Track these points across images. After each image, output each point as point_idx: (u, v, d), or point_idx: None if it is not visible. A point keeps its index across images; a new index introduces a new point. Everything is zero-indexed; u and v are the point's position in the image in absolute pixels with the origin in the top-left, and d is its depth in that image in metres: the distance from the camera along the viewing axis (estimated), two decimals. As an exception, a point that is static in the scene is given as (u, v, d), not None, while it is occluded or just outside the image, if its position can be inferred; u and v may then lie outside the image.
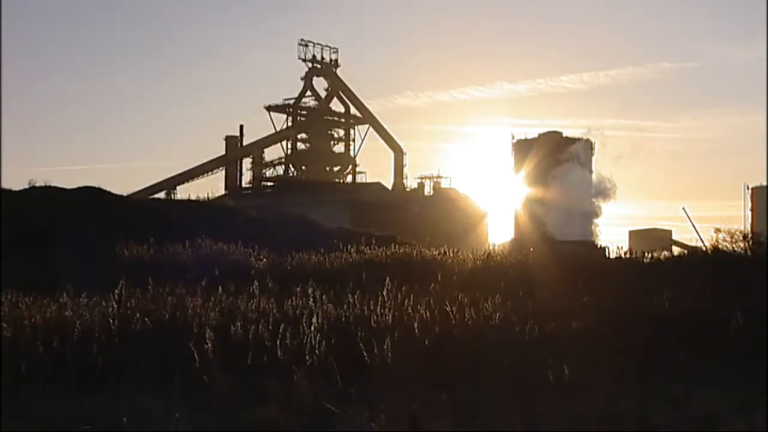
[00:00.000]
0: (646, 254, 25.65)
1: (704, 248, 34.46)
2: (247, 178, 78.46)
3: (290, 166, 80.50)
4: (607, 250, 37.92)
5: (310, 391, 7.83)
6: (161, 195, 66.47)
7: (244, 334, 9.05)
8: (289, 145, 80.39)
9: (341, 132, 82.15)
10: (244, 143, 78.36)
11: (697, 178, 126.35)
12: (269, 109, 78.85)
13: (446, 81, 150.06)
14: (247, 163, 78.47)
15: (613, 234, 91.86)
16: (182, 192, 68.44)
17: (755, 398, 8.15)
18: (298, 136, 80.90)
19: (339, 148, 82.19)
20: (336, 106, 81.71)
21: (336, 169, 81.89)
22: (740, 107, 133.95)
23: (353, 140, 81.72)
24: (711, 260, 23.88)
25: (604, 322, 11.04)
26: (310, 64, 78.93)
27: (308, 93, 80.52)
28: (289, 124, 79.90)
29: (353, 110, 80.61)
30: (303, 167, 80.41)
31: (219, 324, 9.67)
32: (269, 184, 78.56)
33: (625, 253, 27.06)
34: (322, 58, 79.07)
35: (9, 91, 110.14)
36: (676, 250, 45.34)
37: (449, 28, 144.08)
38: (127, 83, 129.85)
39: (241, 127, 79.41)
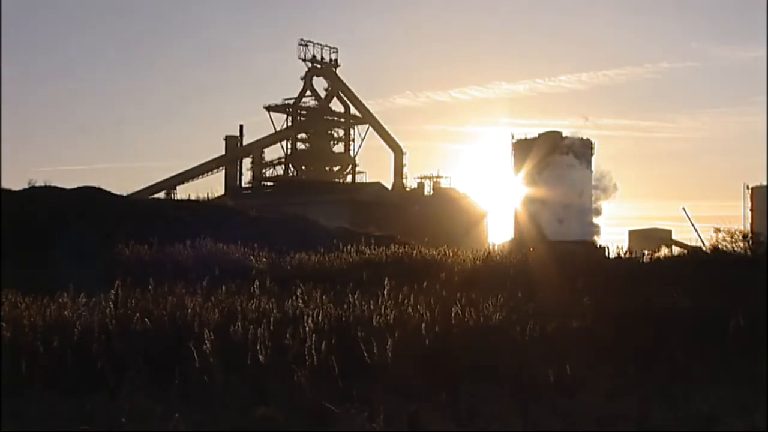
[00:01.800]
0: (646, 254, 25.71)
1: (704, 248, 34.50)
2: (246, 178, 78.63)
3: (290, 166, 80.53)
4: (607, 250, 37.96)
5: (310, 391, 7.82)
6: (161, 195, 66.49)
7: (244, 334, 9.03)
8: (289, 145, 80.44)
9: (341, 132, 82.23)
10: (244, 143, 78.37)
11: (697, 178, 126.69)
12: (269, 109, 78.92)
13: (445, 81, 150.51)
14: (246, 163, 78.59)
15: (613, 234, 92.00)
16: (182, 192, 68.56)
17: (755, 398, 8.15)
18: (298, 136, 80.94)
19: (339, 148, 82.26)
20: (336, 106, 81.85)
21: (336, 169, 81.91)
22: (740, 107, 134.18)
23: (353, 140, 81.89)
24: (711, 260, 23.89)
25: (604, 322, 11.04)
26: (310, 64, 79.02)
27: (308, 93, 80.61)
28: (289, 124, 79.96)
29: (353, 110, 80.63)
30: (303, 167, 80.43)
31: (219, 324, 9.66)
32: (269, 184, 78.58)
33: (625, 253, 27.10)
34: (322, 58, 79.16)
35: (9, 92, 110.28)
36: (676, 250, 45.35)
37: (448, 28, 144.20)
38: (127, 83, 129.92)
39: (241, 127, 79.62)
